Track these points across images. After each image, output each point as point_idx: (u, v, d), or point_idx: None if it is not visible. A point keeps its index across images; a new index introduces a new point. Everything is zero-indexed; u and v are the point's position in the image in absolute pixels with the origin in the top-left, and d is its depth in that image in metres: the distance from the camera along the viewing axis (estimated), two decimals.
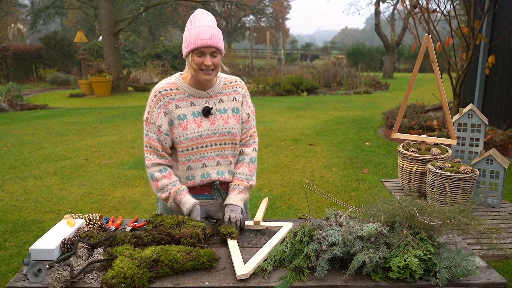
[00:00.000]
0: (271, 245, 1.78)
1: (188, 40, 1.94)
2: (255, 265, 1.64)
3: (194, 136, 2.03)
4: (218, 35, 1.95)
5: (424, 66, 16.06)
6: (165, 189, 2.04)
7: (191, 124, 2.02)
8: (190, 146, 2.04)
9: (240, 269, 1.61)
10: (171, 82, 2.07)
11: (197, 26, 1.92)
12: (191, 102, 2.05)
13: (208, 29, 1.92)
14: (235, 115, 2.12)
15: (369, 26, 74.90)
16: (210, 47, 1.92)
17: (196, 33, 1.91)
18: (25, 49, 21.17)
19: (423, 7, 6.20)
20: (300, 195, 5.00)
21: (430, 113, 8.30)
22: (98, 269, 1.64)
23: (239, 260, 1.68)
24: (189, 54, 1.96)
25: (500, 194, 2.65)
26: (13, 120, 10.49)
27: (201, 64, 1.94)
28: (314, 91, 15.67)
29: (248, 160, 2.20)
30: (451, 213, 1.73)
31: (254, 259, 1.68)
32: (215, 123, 2.06)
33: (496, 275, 1.59)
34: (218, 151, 2.10)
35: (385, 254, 1.57)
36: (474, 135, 2.88)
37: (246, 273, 1.58)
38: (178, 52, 24.40)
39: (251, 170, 2.20)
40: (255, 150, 2.25)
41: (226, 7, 31.39)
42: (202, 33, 1.90)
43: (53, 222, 4.32)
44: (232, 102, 2.13)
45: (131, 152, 7.09)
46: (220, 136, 2.08)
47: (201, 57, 1.94)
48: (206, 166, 2.09)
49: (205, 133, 2.04)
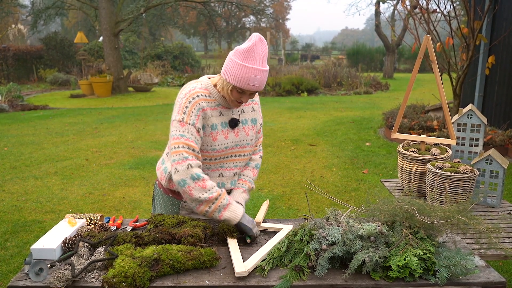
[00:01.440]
0: (271, 245, 1.79)
1: (236, 76, 1.84)
2: (254, 264, 1.65)
3: (221, 148, 2.00)
4: (265, 79, 1.88)
5: (424, 66, 16.09)
6: (214, 190, 1.89)
7: (220, 135, 1.99)
8: (214, 157, 2.01)
9: (239, 266, 1.62)
10: (203, 88, 1.98)
11: (250, 67, 1.82)
12: (220, 112, 2.00)
13: (259, 74, 1.83)
14: (254, 126, 2.12)
15: (369, 27, 74.94)
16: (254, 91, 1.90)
17: (246, 77, 1.82)
18: (25, 50, 21.18)
19: (423, 7, 6.21)
20: (300, 195, 5.01)
21: (430, 113, 8.30)
22: (99, 268, 1.65)
23: (239, 258, 1.69)
24: (230, 84, 1.89)
25: (499, 194, 2.66)
26: (13, 121, 10.50)
27: (238, 98, 1.92)
28: (314, 91, 15.68)
29: (253, 165, 2.25)
30: (450, 212, 1.74)
31: (253, 257, 1.69)
32: (238, 135, 2.05)
33: (495, 274, 1.60)
34: (236, 163, 2.10)
35: (385, 253, 1.58)
36: (473, 135, 2.89)
37: (245, 271, 1.59)
38: (178, 52, 24.43)
39: (254, 175, 2.24)
40: (260, 157, 2.30)
41: (226, 8, 31.44)
42: (252, 79, 1.83)
43: (54, 222, 4.33)
44: (251, 112, 2.12)
45: (131, 153, 7.11)
46: (241, 148, 2.08)
47: (240, 94, 1.90)
48: (223, 176, 2.09)
49: (230, 145, 2.03)
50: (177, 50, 24.38)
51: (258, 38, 1.83)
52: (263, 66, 1.85)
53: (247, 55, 1.82)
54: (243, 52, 1.83)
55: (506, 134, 6.41)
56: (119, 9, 16.39)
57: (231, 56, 1.86)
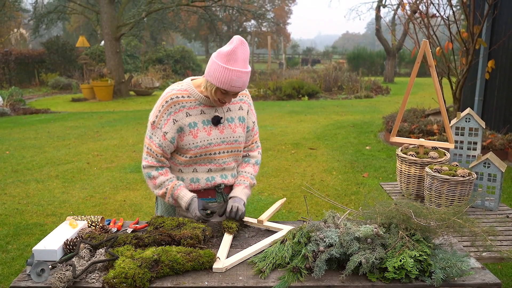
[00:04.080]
0: (257, 247, 1.83)
1: (219, 78, 1.89)
2: (233, 262, 1.71)
3: (204, 144, 2.07)
4: (247, 80, 1.93)
5: (424, 70, 16.11)
6: (163, 186, 2.09)
7: (201, 132, 2.06)
8: (199, 153, 2.08)
9: (218, 262, 1.69)
10: (182, 89, 2.07)
11: (232, 70, 1.87)
12: (201, 110, 2.07)
13: (241, 76, 1.89)
14: (241, 124, 2.18)
15: (370, 31, 75.10)
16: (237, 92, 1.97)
17: (229, 79, 1.88)
18: (27, 54, 21.27)
19: (423, 12, 6.25)
20: (300, 199, 5.02)
21: (430, 117, 8.32)
22: (100, 269, 1.67)
23: (223, 254, 1.76)
24: (214, 86, 1.95)
25: (497, 197, 2.68)
26: (15, 124, 10.55)
27: (222, 99, 1.99)
28: (315, 95, 15.71)
29: (253, 162, 2.31)
30: (446, 214, 1.76)
31: (235, 256, 1.75)
32: (224, 132, 2.11)
33: (490, 276, 1.62)
34: (225, 159, 2.15)
35: (381, 255, 1.60)
36: (471, 138, 2.91)
37: (222, 267, 1.66)
38: (180, 56, 24.49)
39: (255, 171, 2.31)
40: (259, 153, 2.36)
41: (227, 12, 31.51)
42: (235, 80, 1.88)
43: (55, 225, 4.35)
44: (238, 111, 2.18)
45: (132, 156, 7.13)
46: (228, 144, 2.13)
47: (224, 95, 1.97)
48: (212, 171, 2.15)
49: (214, 141, 2.09)
50: (178, 54, 24.45)
51: (239, 41, 1.88)
52: (245, 67, 1.91)
53: (229, 58, 1.87)
54: (225, 55, 1.88)
55: (506, 138, 6.42)
56: (121, 13, 16.47)
57: (214, 58, 1.92)
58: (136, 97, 16.67)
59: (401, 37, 20.51)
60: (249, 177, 2.26)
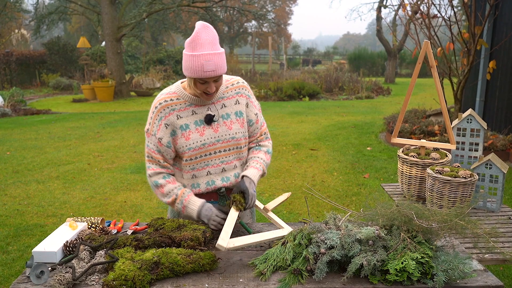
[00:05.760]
0: (263, 237, 1.83)
1: (190, 67, 1.85)
2: (236, 246, 1.71)
3: (197, 146, 2.01)
4: (220, 61, 1.86)
5: (425, 71, 16.10)
6: (171, 193, 2.04)
7: (193, 134, 2.00)
8: (194, 156, 2.02)
9: (222, 240, 1.69)
10: (171, 92, 2.03)
11: (199, 55, 1.81)
12: (192, 111, 2.02)
13: (211, 59, 1.82)
14: (239, 119, 2.09)
15: (371, 32, 75.04)
16: (214, 77, 1.90)
17: (199, 64, 1.82)
18: (28, 54, 21.29)
19: (424, 12, 6.24)
20: (301, 200, 5.01)
21: (431, 118, 8.31)
22: (99, 271, 1.66)
23: (228, 232, 1.75)
24: (191, 79, 1.92)
25: (499, 198, 2.67)
26: (16, 125, 10.55)
27: (205, 89, 1.93)
28: (316, 96, 15.70)
29: (265, 150, 2.22)
30: (448, 216, 1.75)
31: (240, 239, 1.75)
32: (218, 130, 2.04)
33: (493, 278, 1.61)
34: (223, 158, 2.08)
35: (383, 257, 1.59)
36: (473, 139, 2.90)
37: (224, 246, 1.66)
38: (180, 57, 24.50)
39: (268, 159, 2.21)
40: (270, 144, 2.27)
41: (228, 13, 31.53)
42: (205, 65, 1.82)
43: (55, 226, 4.34)
44: (235, 105, 2.09)
45: (133, 157, 7.13)
46: (224, 142, 2.06)
47: (204, 84, 1.90)
48: (211, 173, 2.08)
49: (208, 141, 2.03)
50: (179, 55, 24.46)
51: (201, 25, 1.84)
52: (214, 49, 1.84)
53: (194, 45, 1.83)
54: (189, 43, 1.84)
55: (508, 138, 6.40)
56: (122, 14, 16.48)
57: (183, 51, 1.89)
58: (137, 97, 16.68)
59: (402, 37, 20.52)
60: (263, 164, 2.16)
